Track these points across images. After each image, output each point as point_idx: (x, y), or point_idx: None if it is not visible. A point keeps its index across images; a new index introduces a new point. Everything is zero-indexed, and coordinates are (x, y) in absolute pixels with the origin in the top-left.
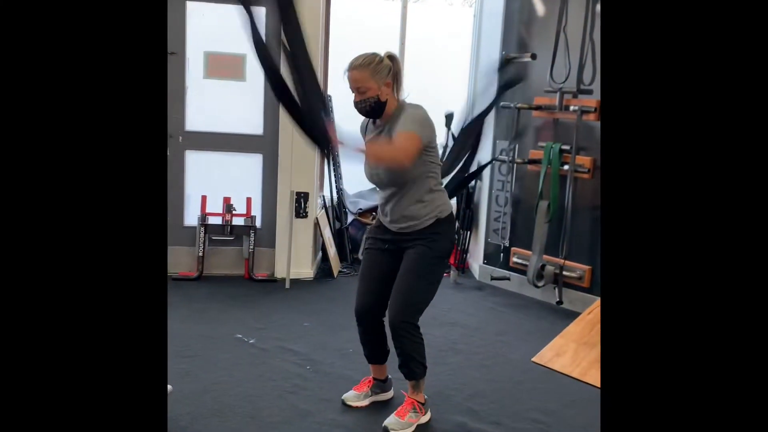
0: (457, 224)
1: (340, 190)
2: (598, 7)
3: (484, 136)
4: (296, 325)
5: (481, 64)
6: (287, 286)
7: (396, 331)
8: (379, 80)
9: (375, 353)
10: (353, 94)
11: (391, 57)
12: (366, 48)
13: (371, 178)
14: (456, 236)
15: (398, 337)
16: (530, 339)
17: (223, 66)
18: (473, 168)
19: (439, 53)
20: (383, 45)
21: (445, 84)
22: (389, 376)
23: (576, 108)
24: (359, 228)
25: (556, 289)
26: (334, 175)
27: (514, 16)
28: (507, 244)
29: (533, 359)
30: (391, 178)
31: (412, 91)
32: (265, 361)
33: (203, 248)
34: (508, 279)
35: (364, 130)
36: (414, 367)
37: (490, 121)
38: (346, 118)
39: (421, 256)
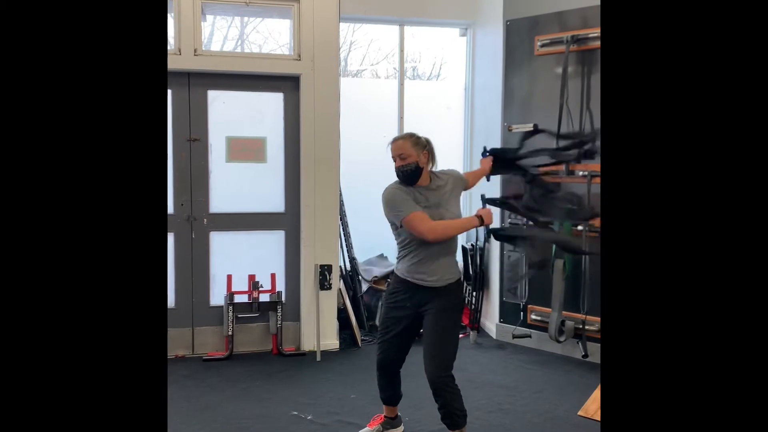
0: (466, 285)
1: (353, 260)
2: (593, 81)
3: None
4: (344, 397)
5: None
6: (318, 358)
7: (436, 385)
8: (417, 150)
9: (392, 397)
10: (395, 161)
11: (426, 138)
12: (368, 122)
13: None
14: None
15: (438, 392)
16: (567, 393)
17: (244, 149)
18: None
19: (435, 124)
20: (385, 119)
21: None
22: (399, 414)
23: (585, 173)
24: (372, 295)
25: (580, 343)
26: (346, 244)
27: (513, 91)
28: (524, 302)
29: (579, 413)
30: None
31: None
32: None
33: (232, 327)
34: (530, 336)
35: (410, 199)
36: (456, 418)
37: (497, 186)
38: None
39: (443, 313)
